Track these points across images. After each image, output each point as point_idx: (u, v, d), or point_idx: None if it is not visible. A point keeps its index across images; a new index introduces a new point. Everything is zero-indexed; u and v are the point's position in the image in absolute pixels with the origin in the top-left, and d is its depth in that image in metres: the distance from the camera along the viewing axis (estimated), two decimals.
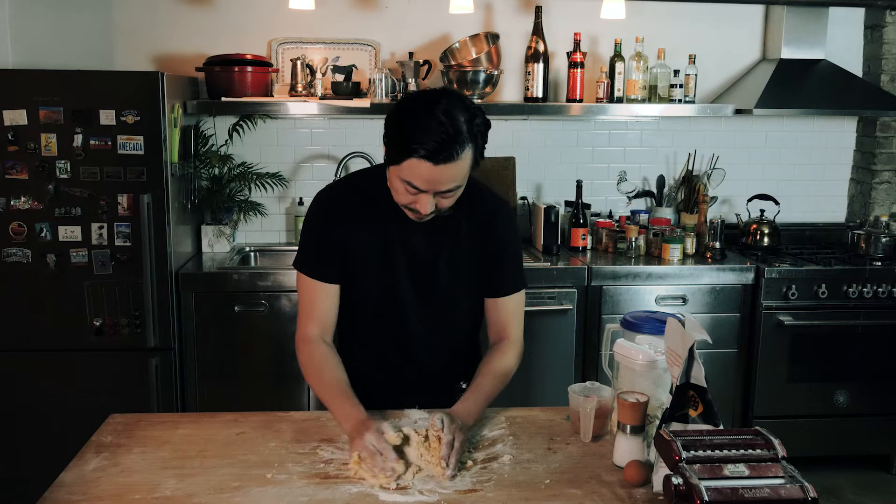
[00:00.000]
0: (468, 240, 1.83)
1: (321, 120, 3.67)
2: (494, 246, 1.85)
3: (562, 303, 3.24)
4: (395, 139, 1.61)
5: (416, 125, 1.57)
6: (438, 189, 1.63)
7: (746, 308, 3.34)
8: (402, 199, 1.68)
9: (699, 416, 1.39)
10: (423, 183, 1.61)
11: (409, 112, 1.61)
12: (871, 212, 3.79)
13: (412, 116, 1.60)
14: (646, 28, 3.63)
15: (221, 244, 3.50)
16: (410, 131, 1.57)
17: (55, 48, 3.48)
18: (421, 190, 1.62)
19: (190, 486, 1.43)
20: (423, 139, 1.56)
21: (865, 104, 3.59)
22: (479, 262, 1.84)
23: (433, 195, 1.64)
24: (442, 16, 3.57)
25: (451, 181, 1.63)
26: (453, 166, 1.59)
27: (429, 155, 1.56)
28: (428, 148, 1.56)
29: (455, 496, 1.42)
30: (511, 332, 1.88)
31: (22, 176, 2.90)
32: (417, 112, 1.59)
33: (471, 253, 1.83)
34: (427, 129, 1.56)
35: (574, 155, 3.80)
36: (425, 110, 1.58)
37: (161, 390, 3.07)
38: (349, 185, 1.90)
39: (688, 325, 1.42)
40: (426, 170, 1.58)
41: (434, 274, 1.83)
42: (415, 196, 1.64)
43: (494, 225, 1.85)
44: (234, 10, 3.55)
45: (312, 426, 1.71)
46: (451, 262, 1.83)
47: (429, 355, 1.90)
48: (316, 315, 1.83)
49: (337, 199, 1.85)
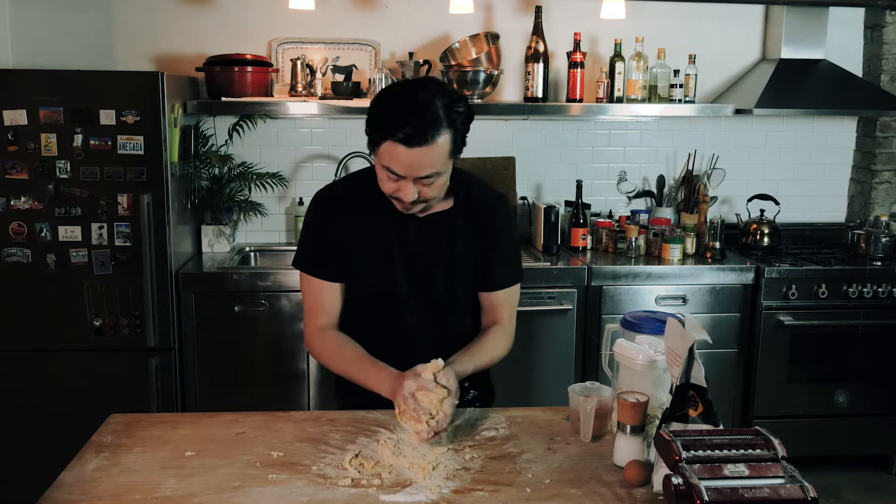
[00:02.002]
0: (465, 236, 1.84)
1: (321, 120, 3.67)
2: (490, 239, 1.86)
3: (562, 303, 3.24)
4: (371, 124, 1.66)
5: (392, 110, 1.63)
6: (417, 174, 1.65)
7: (746, 308, 3.34)
8: (387, 187, 1.71)
9: (699, 416, 1.39)
10: (400, 168, 1.64)
11: (387, 98, 1.67)
12: (871, 212, 3.79)
13: (389, 102, 1.65)
14: (646, 28, 3.63)
15: (221, 244, 3.50)
16: (385, 115, 1.63)
17: (55, 48, 3.48)
18: (400, 176, 1.65)
19: (190, 486, 1.43)
20: (396, 122, 1.60)
21: (865, 104, 3.59)
22: (475, 257, 1.85)
23: (414, 182, 1.66)
24: (442, 16, 3.57)
25: (428, 167, 1.65)
26: (429, 150, 1.61)
27: (403, 138, 1.59)
28: (402, 130, 1.59)
29: (455, 496, 1.42)
30: (504, 320, 1.90)
31: (22, 176, 2.90)
32: (395, 97, 1.66)
33: (468, 249, 1.84)
34: (402, 113, 1.60)
35: (574, 155, 3.80)
36: (403, 95, 1.65)
37: (161, 390, 3.07)
38: (348, 184, 1.92)
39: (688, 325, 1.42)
40: (402, 153, 1.61)
41: (433, 272, 1.83)
42: (396, 184, 1.68)
43: (490, 218, 1.87)
44: (234, 10, 3.55)
45: (312, 426, 1.71)
46: (450, 260, 1.83)
47: (428, 354, 1.89)
48: (322, 310, 1.85)
49: (335, 198, 1.86)
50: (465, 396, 1.95)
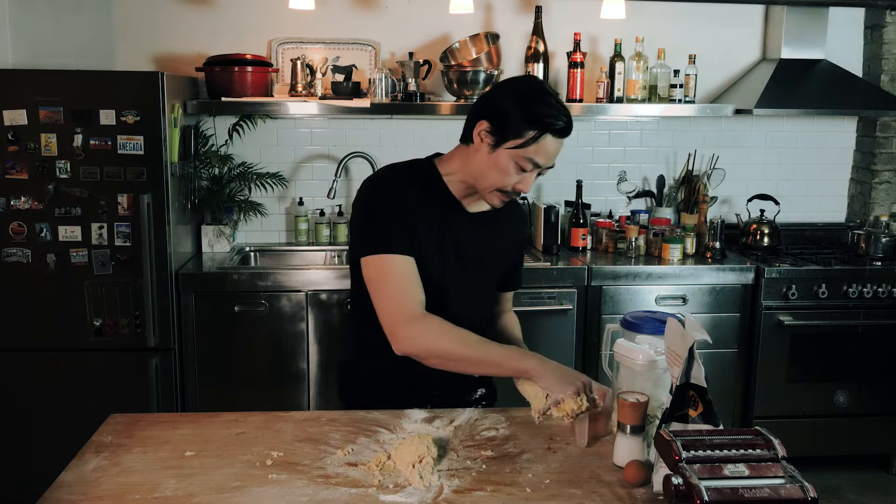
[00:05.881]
0: (503, 237, 1.91)
1: (321, 120, 3.67)
2: (516, 243, 1.99)
3: (562, 303, 3.24)
4: (527, 118, 1.65)
5: (545, 104, 1.66)
6: (551, 164, 1.73)
7: (746, 308, 3.34)
8: (507, 180, 1.71)
9: (699, 416, 1.39)
10: (546, 158, 1.69)
11: (529, 94, 1.69)
12: (871, 212, 3.79)
13: (535, 97, 1.67)
14: (646, 28, 3.63)
15: (221, 244, 3.50)
16: (543, 109, 1.65)
17: (55, 48, 3.48)
18: (538, 166, 1.69)
19: (190, 486, 1.43)
20: (556, 116, 1.65)
21: (865, 104, 3.60)
22: (509, 258, 1.96)
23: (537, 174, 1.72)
24: (442, 16, 3.57)
25: (556, 158, 1.73)
26: (563, 143, 1.71)
27: (563, 131, 1.67)
28: (563, 123, 1.66)
29: (455, 496, 1.42)
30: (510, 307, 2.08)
31: (22, 176, 2.91)
32: (538, 93, 1.69)
33: (503, 250, 1.92)
34: (555, 106, 1.66)
35: (574, 155, 3.80)
36: (542, 91, 1.69)
37: (161, 390, 3.07)
38: (405, 171, 1.82)
39: (688, 325, 1.42)
40: (554, 145, 1.68)
41: (478, 268, 1.86)
42: (521, 175, 1.70)
43: (516, 222, 1.99)
44: (234, 10, 3.55)
45: (312, 426, 1.71)
46: (492, 258, 1.89)
47: None
48: (411, 294, 1.68)
49: (399, 183, 1.78)
50: (473, 395, 1.95)
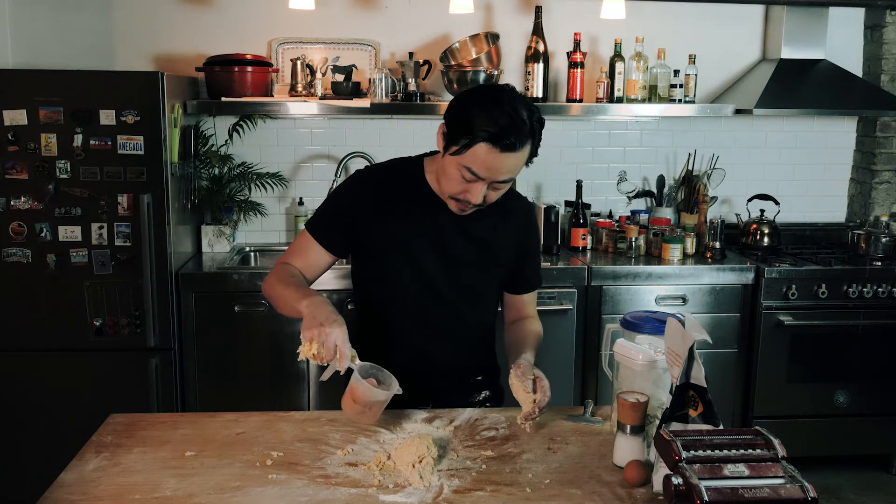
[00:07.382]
0: (500, 237, 1.87)
1: (321, 120, 3.67)
2: (525, 246, 1.94)
3: (562, 303, 3.24)
4: (462, 125, 1.64)
5: (485, 112, 1.62)
6: (496, 178, 1.67)
7: (746, 308, 3.34)
8: (454, 187, 1.70)
9: (699, 416, 1.39)
10: (483, 170, 1.65)
11: (476, 100, 1.67)
12: (871, 212, 3.79)
13: (480, 104, 1.65)
14: (646, 28, 3.63)
15: (221, 244, 3.50)
16: (479, 117, 1.62)
17: (55, 48, 3.48)
18: (479, 177, 1.66)
19: (190, 486, 1.43)
20: (491, 125, 1.61)
21: (865, 104, 3.59)
22: (507, 260, 1.90)
23: (486, 185, 1.68)
24: (442, 16, 3.57)
25: (508, 171, 1.68)
26: (514, 156, 1.65)
27: (495, 140, 1.61)
28: (495, 133, 1.61)
29: (455, 496, 1.42)
30: (533, 312, 2.03)
31: (22, 176, 2.90)
32: (486, 101, 1.65)
33: (500, 250, 1.88)
34: (496, 116, 1.62)
35: (574, 155, 3.80)
36: (494, 99, 1.65)
37: (161, 390, 3.07)
38: (387, 169, 1.90)
39: (688, 325, 1.42)
40: (490, 156, 1.63)
41: (469, 268, 1.85)
42: (467, 185, 1.68)
43: (526, 225, 1.94)
44: (234, 10, 3.55)
45: (312, 426, 1.71)
46: (481, 258, 1.86)
47: (448, 348, 1.91)
48: (301, 260, 1.85)
49: (373, 182, 1.86)
50: (477, 397, 1.96)
